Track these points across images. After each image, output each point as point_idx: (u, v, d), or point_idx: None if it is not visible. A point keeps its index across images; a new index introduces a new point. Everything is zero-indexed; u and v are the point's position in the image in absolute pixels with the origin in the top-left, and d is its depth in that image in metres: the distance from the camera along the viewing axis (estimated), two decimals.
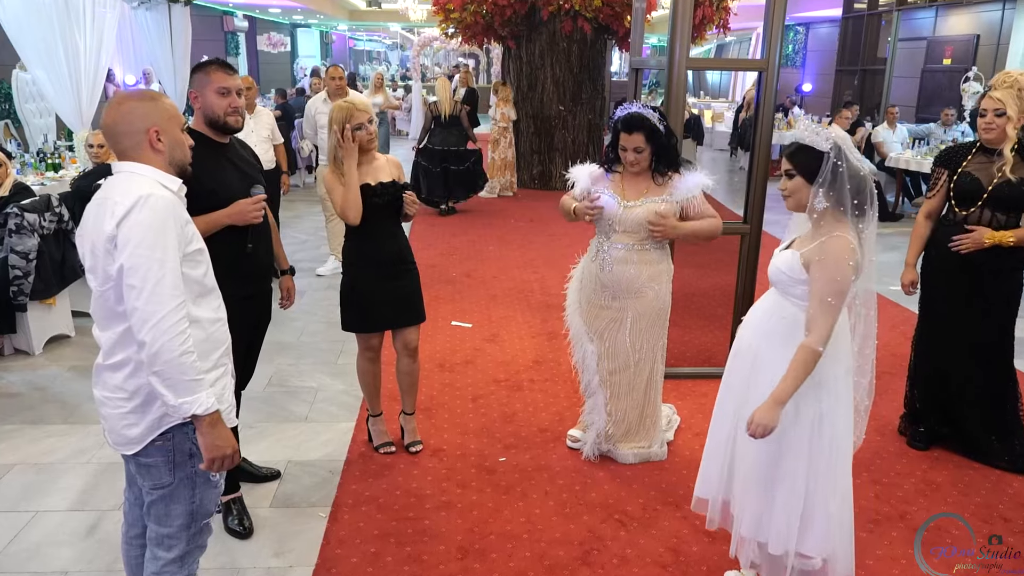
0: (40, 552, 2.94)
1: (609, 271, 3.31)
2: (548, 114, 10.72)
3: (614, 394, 3.48)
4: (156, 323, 1.83)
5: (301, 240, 7.91)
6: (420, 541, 2.99)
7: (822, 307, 2.26)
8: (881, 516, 3.20)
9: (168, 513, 2.09)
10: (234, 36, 21.24)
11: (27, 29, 6.44)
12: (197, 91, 2.75)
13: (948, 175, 3.51)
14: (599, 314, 3.42)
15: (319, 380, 4.51)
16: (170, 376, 1.85)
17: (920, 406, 3.80)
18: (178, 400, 1.87)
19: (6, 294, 4.57)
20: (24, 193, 4.97)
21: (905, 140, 10.00)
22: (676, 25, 4.00)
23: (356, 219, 3.23)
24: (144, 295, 1.82)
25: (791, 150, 2.40)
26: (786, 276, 2.38)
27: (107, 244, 1.86)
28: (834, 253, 2.26)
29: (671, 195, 3.24)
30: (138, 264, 1.83)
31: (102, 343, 2.00)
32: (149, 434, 2.00)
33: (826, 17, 18.08)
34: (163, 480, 2.06)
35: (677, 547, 2.98)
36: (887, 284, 6.55)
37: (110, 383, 2.00)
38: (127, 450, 2.04)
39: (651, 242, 3.28)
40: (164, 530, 2.10)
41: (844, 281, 2.26)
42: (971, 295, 3.51)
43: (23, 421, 3.97)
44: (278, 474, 3.47)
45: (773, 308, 2.48)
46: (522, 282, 6.50)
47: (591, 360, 3.47)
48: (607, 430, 3.52)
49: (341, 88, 6.36)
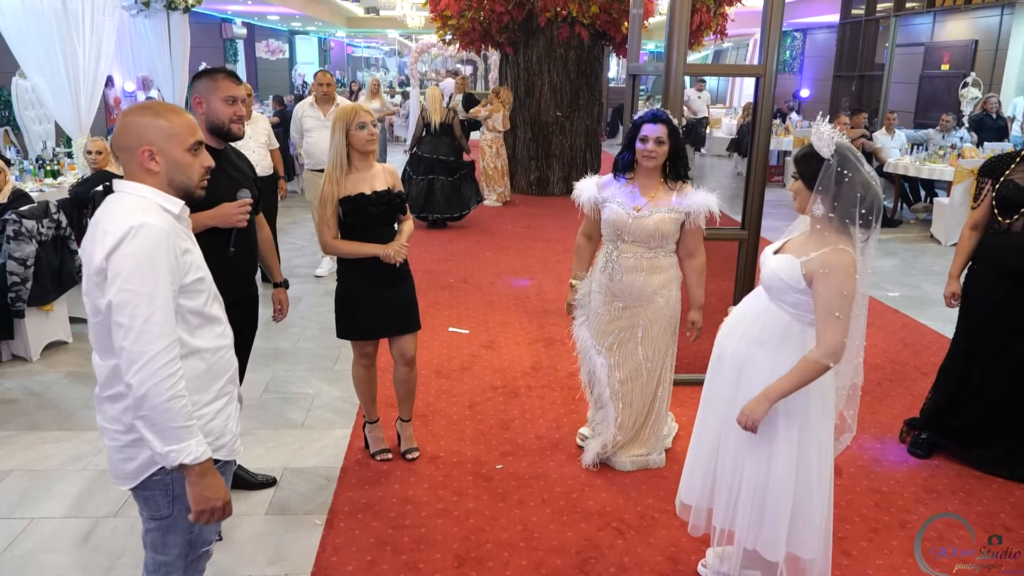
0: (35, 559, 2.92)
1: (619, 280, 3.30)
2: (545, 120, 10.73)
3: (625, 404, 3.45)
4: (143, 364, 1.73)
5: (298, 246, 7.90)
6: (417, 549, 2.98)
7: (829, 321, 2.25)
8: (881, 525, 3.19)
9: (165, 543, 2.01)
10: (232, 43, 21.28)
11: (27, 36, 6.44)
12: (203, 97, 2.77)
13: (992, 184, 3.52)
14: (608, 326, 3.40)
15: (315, 386, 4.50)
16: (157, 422, 1.75)
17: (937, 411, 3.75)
18: (165, 448, 1.77)
19: (4, 300, 4.56)
20: (23, 200, 4.97)
21: (903, 146, 10.01)
22: (673, 31, 4.01)
23: (324, 249, 3.37)
24: (132, 334, 1.73)
25: (796, 154, 2.43)
26: (782, 282, 2.35)
27: (96, 277, 1.78)
28: (840, 267, 2.24)
29: (679, 202, 3.23)
30: (126, 300, 1.73)
31: (99, 373, 1.90)
32: (147, 469, 1.91)
33: (824, 23, 18.14)
34: (161, 512, 1.97)
35: (675, 556, 2.97)
36: (886, 291, 6.56)
37: (108, 413, 1.91)
38: (124, 485, 1.95)
39: (661, 249, 3.28)
40: (161, 558, 2.02)
41: (850, 295, 2.25)
42: (1018, 303, 3.48)
43: (19, 427, 3.95)
44: (274, 481, 3.45)
45: (761, 314, 2.45)
46: (519, 288, 6.49)
47: (601, 372, 3.45)
48: (616, 440, 3.50)
49: (328, 94, 6.34)
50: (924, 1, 13.42)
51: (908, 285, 6.81)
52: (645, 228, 3.21)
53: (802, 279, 2.30)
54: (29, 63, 6.63)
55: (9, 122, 10.21)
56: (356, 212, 3.23)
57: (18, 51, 6.56)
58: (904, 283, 6.86)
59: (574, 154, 10.84)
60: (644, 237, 3.24)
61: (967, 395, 3.64)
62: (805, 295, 2.32)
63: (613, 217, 3.27)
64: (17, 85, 9.24)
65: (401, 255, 3.29)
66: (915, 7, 13.85)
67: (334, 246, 3.29)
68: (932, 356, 4.99)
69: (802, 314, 2.35)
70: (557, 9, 9.90)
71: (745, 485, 2.47)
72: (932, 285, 6.76)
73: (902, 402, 4.36)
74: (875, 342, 5.26)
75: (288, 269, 6.83)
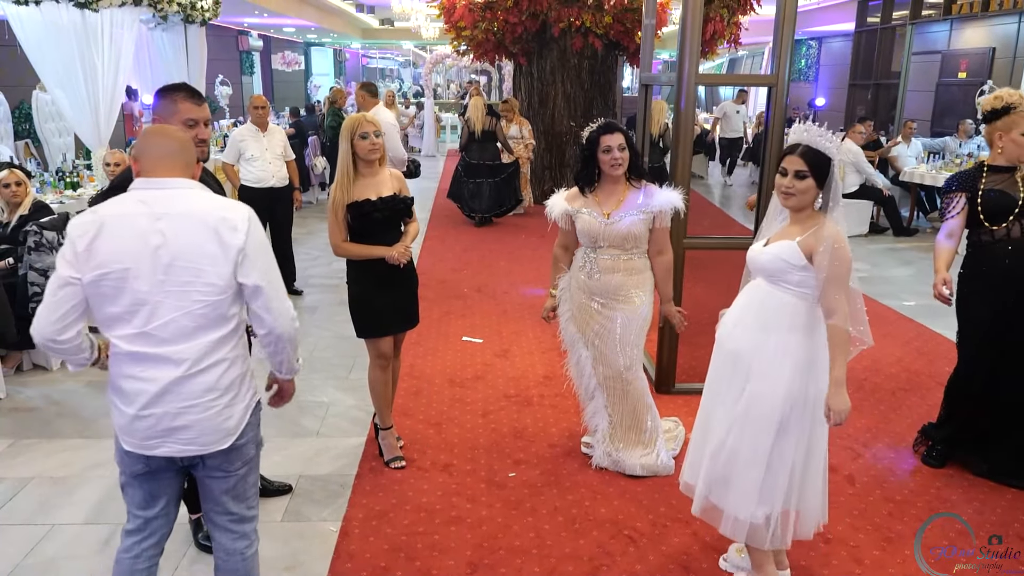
0: (56, 565, 2.97)
1: (597, 279, 3.44)
2: (559, 130, 10.75)
3: (610, 392, 3.55)
4: (291, 312, 2.19)
5: (313, 256, 7.97)
6: (430, 556, 3.00)
7: (840, 288, 2.44)
8: (894, 535, 3.17)
9: (247, 484, 2.29)
10: (249, 55, 21.50)
11: (47, 50, 6.57)
12: (162, 117, 2.66)
13: (968, 197, 3.52)
14: (591, 319, 3.50)
15: (330, 395, 4.54)
16: (295, 346, 2.26)
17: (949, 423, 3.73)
18: (299, 361, 2.35)
19: (25, 310, 4.64)
20: (43, 211, 5.06)
21: (920, 154, 9.95)
22: (686, 41, 4.03)
23: (334, 251, 3.48)
24: (281, 294, 2.16)
25: (803, 152, 2.50)
26: (785, 263, 2.52)
27: (237, 256, 2.06)
28: (836, 238, 2.45)
29: (646, 203, 3.37)
30: (269, 268, 2.14)
31: (190, 352, 2.07)
32: (244, 417, 2.20)
33: (839, 31, 18.08)
34: (250, 454, 2.26)
35: (687, 563, 2.97)
36: (901, 300, 6.52)
37: (198, 389, 2.09)
38: (224, 443, 2.16)
39: (636, 251, 3.43)
40: (245, 499, 2.30)
41: (849, 260, 2.47)
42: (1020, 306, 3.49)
43: (39, 435, 4.02)
44: (290, 488, 3.49)
45: (764, 302, 2.60)
46: (533, 297, 6.51)
47: (586, 364, 3.57)
48: (610, 431, 3.58)
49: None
50: (941, 9, 13.36)
51: (923, 294, 6.76)
52: (618, 232, 3.36)
53: (802, 256, 2.49)
54: (49, 76, 6.75)
55: (29, 135, 10.37)
56: (361, 217, 3.36)
57: (38, 65, 6.68)
58: (919, 292, 6.81)
59: None
60: (619, 241, 3.38)
61: (976, 405, 3.63)
62: (807, 271, 2.49)
63: (586, 227, 3.41)
64: (37, 98, 9.38)
65: (404, 257, 3.42)
66: (931, 15, 13.79)
67: (343, 248, 3.43)
68: (947, 365, 4.94)
69: (805, 292, 2.52)
70: (570, 20, 9.94)
71: (780, 469, 2.57)
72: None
73: (917, 411, 4.34)
74: (890, 351, 5.24)
75: (304, 279, 6.90)
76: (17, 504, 3.38)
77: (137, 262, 2.00)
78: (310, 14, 18.54)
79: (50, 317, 2.03)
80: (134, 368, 2.07)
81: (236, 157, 6.22)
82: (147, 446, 2.12)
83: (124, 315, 2.04)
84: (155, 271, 2.01)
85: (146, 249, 2.01)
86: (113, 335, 2.08)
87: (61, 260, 2.02)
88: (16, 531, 3.18)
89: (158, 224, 2.02)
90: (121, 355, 2.08)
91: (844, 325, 2.45)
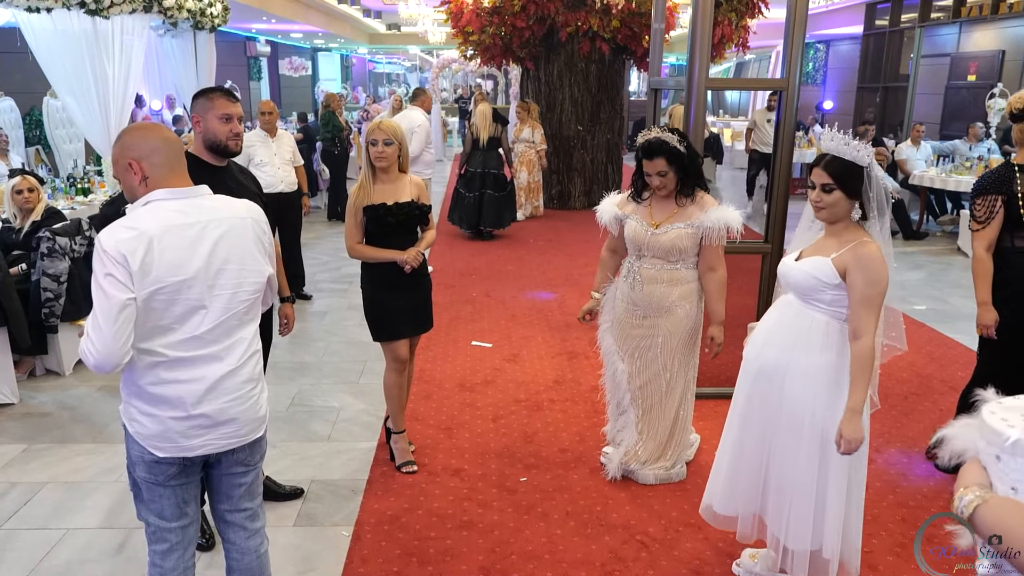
0: (70, 569, 2.98)
1: (640, 290, 3.37)
2: (567, 134, 10.77)
3: (644, 410, 3.49)
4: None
5: (322, 261, 7.99)
6: (442, 561, 3.00)
7: (870, 308, 2.34)
8: (907, 540, 3.16)
9: (259, 477, 2.39)
10: (257, 61, 21.61)
11: (57, 58, 6.61)
12: (200, 116, 2.86)
13: (1003, 201, 3.37)
14: (630, 333, 3.45)
15: (341, 400, 4.55)
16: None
17: None
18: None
19: (38, 316, 4.67)
20: (56, 217, 5.09)
21: (929, 157, 9.92)
22: (695, 45, 4.03)
23: (349, 252, 3.51)
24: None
25: (828, 163, 2.42)
26: (817, 281, 2.42)
27: (270, 249, 2.26)
28: (872, 257, 2.35)
29: (697, 220, 3.26)
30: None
31: (234, 351, 2.15)
32: (267, 405, 2.29)
33: (847, 34, 18.04)
34: (265, 447, 2.37)
35: (699, 569, 2.96)
36: (912, 304, 6.50)
37: (239, 381, 2.16)
38: (259, 431, 2.26)
39: (681, 263, 3.33)
40: (257, 495, 2.39)
41: (885, 281, 2.35)
42: None
43: (53, 440, 4.04)
44: (301, 492, 3.50)
45: (795, 320, 2.50)
46: (542, 302, 6.52)
47: (622, 378, 3.50)
48: (637, 450, 3.53)
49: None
50: (950, 11, 13.32)
51: (935, 298, 6.75)
52: (662, 244, 3.28)
53: (836, 274, 2.38)
54: (60, 83, 6.80)
55: (40, 141, 10.44)
56: (376, 220, 3.39)
57: (49, 72, 6.74)
58: (931, 296, 6.79)
59: (595, 168, 10.86)
60: (663, 252, 3.30)
61: None
62: (840, 290, 2.40)
63: (632, 234, 3.36)
64: (48, 105, 9.44)
65: (416, 261, 3.43)
66: (940, 17, 13.75)
67: (357, 250, 3.46)
68: (959, 370, 4.95)
69: (838, 311, 2.43)
70: (578, 24, 9.96)
71: (800, 490, 2.52)
72: (959, 298, 6.70)
73: (929, 416, 4.32)
74: (901, 355, 5.20)
75: (312, 284, 6.91)
76: (31, 509, 3.40)
77: (192, 273, 2.02)
78: (318, 20, 18.63)
79: (118, 342, 1.95)
80: (178, 372, 2.06)
81: (245, 163, 6.24)
82: (188, 447, 2.10)
83: (172, 324, 2.03)
84: (207, 278, 2.06)
85: (199, 259, 2.03)
86: (155, 344, 2.04)
87: (112, 284, 1.94)
88: (31, 535, 3.20)
89: (206, 232, 2.06)
90: (160, 363, 2.05)
91: (869, 349, 2.33)
